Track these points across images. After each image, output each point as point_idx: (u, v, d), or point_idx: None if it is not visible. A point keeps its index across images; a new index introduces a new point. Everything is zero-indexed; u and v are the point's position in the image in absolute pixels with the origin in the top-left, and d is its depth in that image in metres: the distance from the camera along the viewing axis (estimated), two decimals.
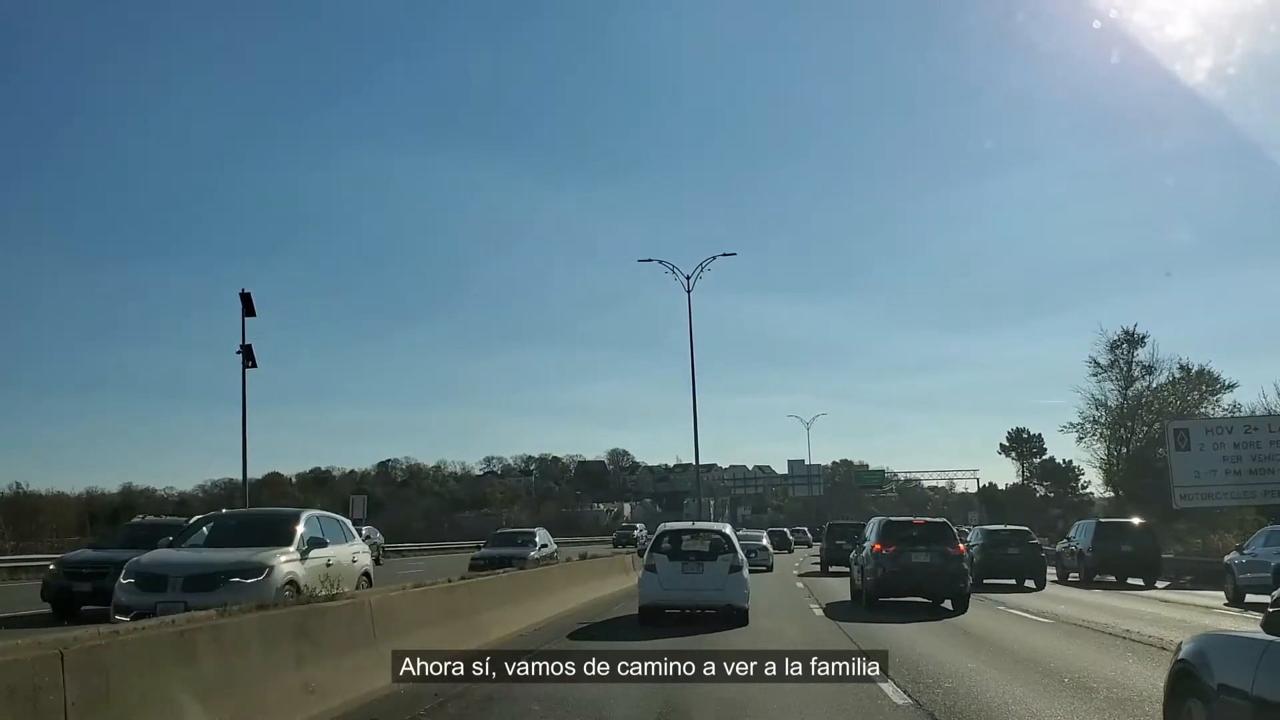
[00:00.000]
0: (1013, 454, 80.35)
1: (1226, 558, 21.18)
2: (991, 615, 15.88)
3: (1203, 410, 45.07)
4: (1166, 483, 36.06)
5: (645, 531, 60.96)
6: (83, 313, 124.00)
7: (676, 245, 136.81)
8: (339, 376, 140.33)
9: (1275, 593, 4.44)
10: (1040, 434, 79.12)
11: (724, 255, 38.91)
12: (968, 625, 14.13)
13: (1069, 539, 28.42)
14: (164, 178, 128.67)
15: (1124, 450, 49.78)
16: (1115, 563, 25.76)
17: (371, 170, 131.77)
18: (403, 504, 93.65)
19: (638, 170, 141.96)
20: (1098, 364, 49.54)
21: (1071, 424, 52.28)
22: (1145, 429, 48.58)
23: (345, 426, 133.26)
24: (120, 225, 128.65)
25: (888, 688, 7.95)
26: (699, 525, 17.22)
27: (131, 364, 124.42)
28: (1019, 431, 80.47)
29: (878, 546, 16.64)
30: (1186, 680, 4.78)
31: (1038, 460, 79.11)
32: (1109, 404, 50.01)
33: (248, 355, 26.69)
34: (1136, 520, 29.20)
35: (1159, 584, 24.93)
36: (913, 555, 16.40)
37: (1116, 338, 48.94)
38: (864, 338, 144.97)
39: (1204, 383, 47.57)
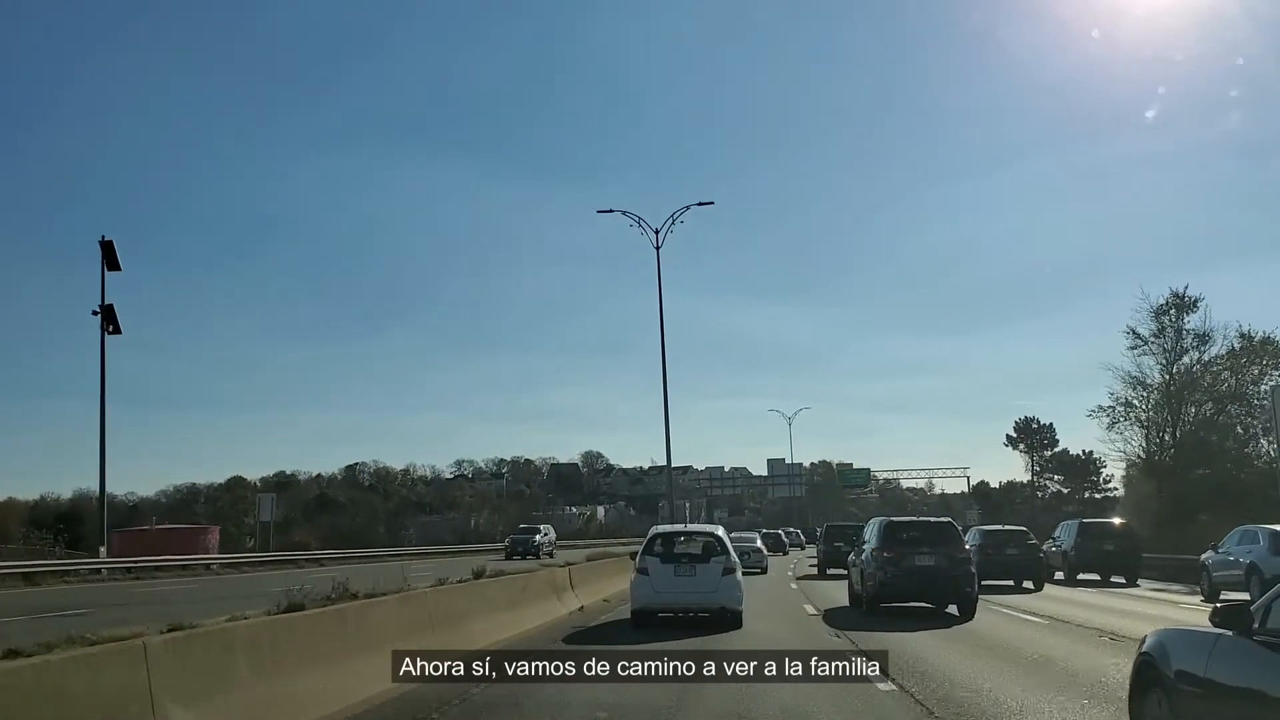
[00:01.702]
0: (1020, 446, 74.32)
1: (1202, 556, 22.24)
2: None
3: (1265, 388, 38.46)
4: (1221, 473, 33.45)
5: (551, 536, 52.45)
6: (43, 317, 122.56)
7: (645, 247, 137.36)
8: (310, 381, 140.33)
9: (1259, 602, 4.73)
10: (1051, 423, 73.93)
11: (699, 204, 34.48)
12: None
13: (1054, 538, 29.18)
14: (133, 181, 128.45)
15: (1165, 437, 43.40)
16: (1098, 561, 26.80)
17: (344, 174, 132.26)
18: (365, 508, 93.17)
19: (612, 174, 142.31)
20: (1137, 336, 42.98)
21: (1102, 408, 45.55)
22: (1195, 410, 42.50)
23: (316, 431, 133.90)
24: (87, 229, 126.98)
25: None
26: (691, 527, 17.47)
27: (92, 369, 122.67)
28: (1028, 421, 74.45)
29: (878, 549, 15.97)
30: (1148, 670, 5.33)
31: (1049, 453, 73.70)
32: (1149, 383, 43.59)
33: (108, 317, 22.89)
34: (1117, 520, 30.82)
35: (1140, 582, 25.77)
36: (916, 558, 15.66)
37: (1163, 302, 42.24)
38: (840, 341, 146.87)
39: (1268, 354, 40.87)
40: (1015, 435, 74.69)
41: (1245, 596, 19.46)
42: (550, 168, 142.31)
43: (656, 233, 33.96)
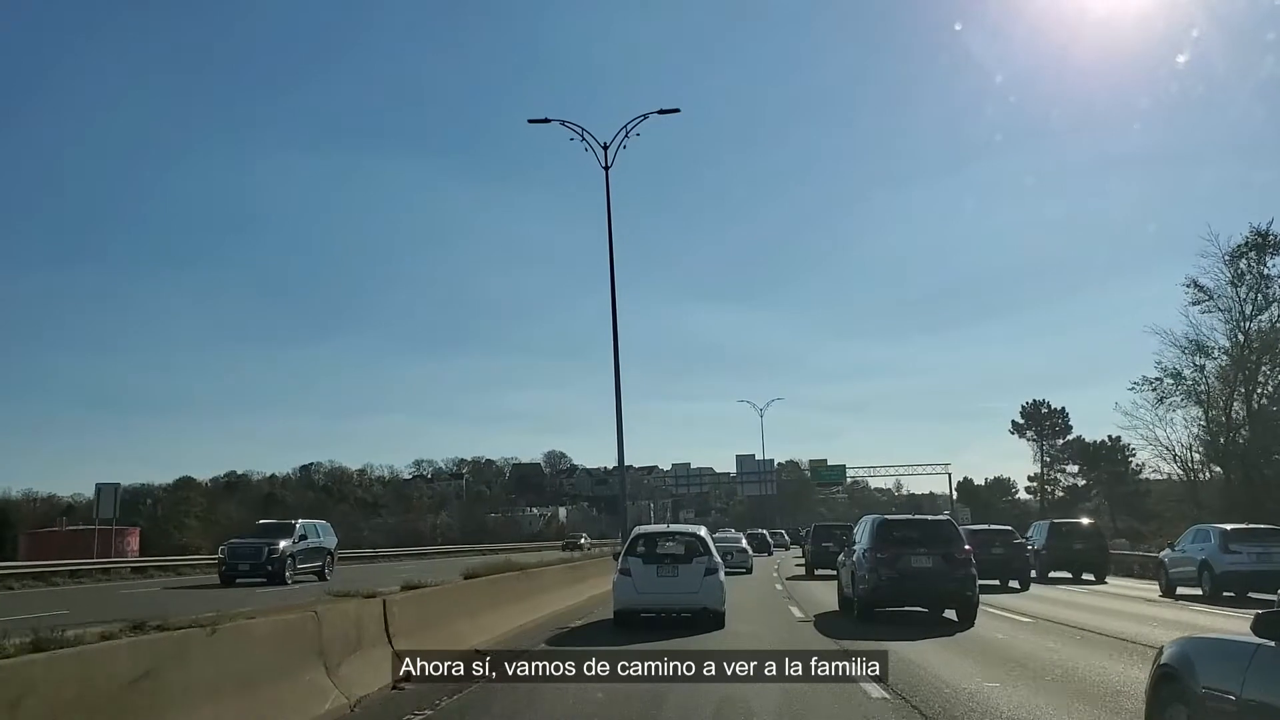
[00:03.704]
0: (1029, 433, 67.68)
1: (1160, 554, 23.99)
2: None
3: None
4: None
5: (323, 541, 31.26)
6: None
7: (615, 247, 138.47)
8: (273, 383, 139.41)
9: None
10: (1064, 407, 67.84)
11: (662, 112, 29.56)
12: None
13: (1027, 538, 30.15)
14: (92, 181, 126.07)
15: (1232, 413, 35.89)
16: (1068, 560, 28.30)
17: (302, 175, 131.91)
18: (317, 509, 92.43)
19: (576, 175, 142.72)
20: (1200, 288, 35.09)
21: (1147, 379, 37.90)
22: (1277, 380, 35.03)
23: (279, 434, 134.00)
24: (40, 229, 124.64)
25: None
26: (674, 528, 17.70)
27: (44, 370, 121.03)
28: (1036, 405, 67.86)
29: (871, 549, 15.19)
30: (1170, 684, 4.74)
31: (1061, 441, 67.39)
32: (1209, 346, 35.85)
33: None
34: (1086, 520, 32.58)
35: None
36: (912, 559, 14.94)
37: (1242, 242, 34.39)
38: (807, 343, 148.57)
39: None
40: (1022, 421, 68.09)
41: (1198, 591, 20.80)
42: (512, 168, 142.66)
43: (605, 149, 29.05)
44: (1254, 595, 19.77)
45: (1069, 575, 28.11)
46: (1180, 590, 21.61)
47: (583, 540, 71.42)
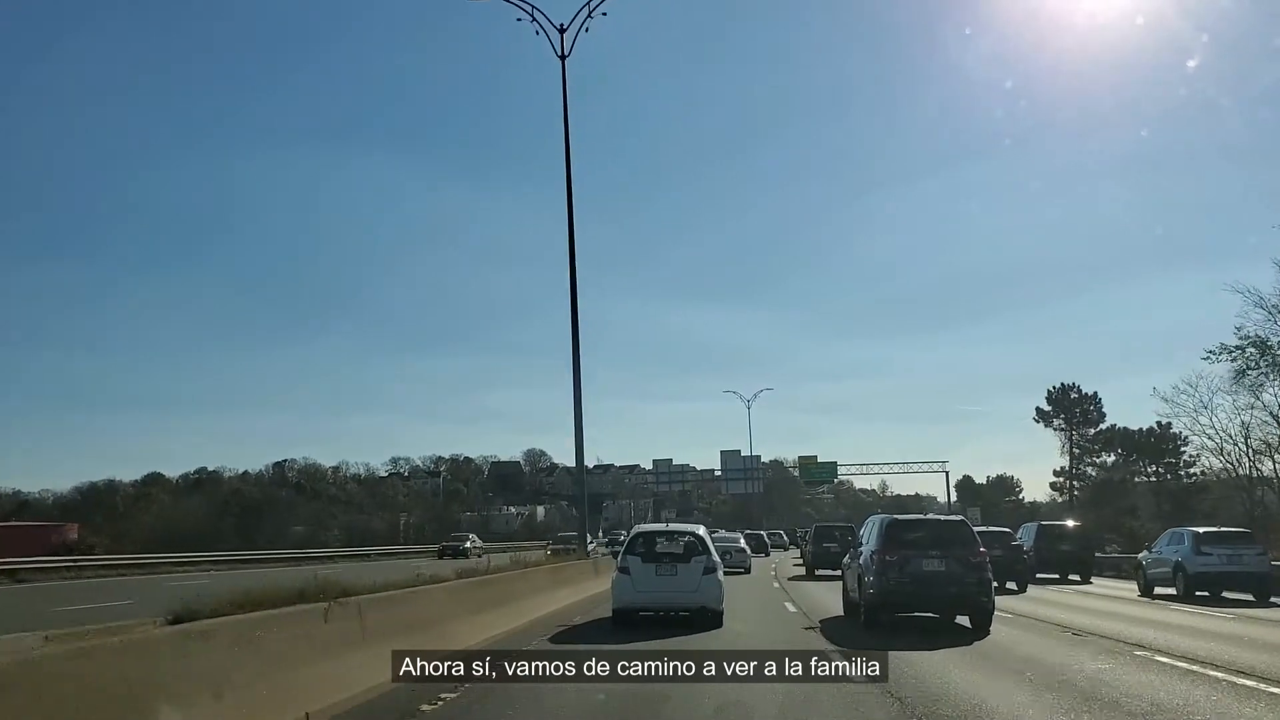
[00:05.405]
0: (1057, 420, 62.06)
1: (1139, 555, 25.34)
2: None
3: None
4: None
5: None
6: None
7: (597, 248, 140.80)
8: (248, 382, 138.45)
9: None
10: (1096, 392, 61.65)
11: None
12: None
13: (1016, 540, 31.03)
14: (66, 176, 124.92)
15: None
16: (1055, 561, 29.15)
17: (281, 172, 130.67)
18: (286, 507, 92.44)
19: (556, 174, 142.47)
20: None
21: (1226, 347, 32.83)
22: None
23: (267, 433, 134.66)
24: (17, 225, 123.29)
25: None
26: (673, 527, 18.18)
27: (16, 366, 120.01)
28: (1065, 390, 61.57)
29: (879, 551, 14.58)
30: None
31: (1094, 430, 61.56)
32: None
33: None
34: (1071, 523, 33.30)
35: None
36: (924, 562, 14.40)
37: None
38: (792, 343, 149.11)
39: None
40: (1049, 409, 61.94)
41: (1173, 591, 21.72)
42: (493, 167, 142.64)
43: (561, 33, 25.56)
44: (1228, 595, 21.06)
45: (1056, 576, 28.95)
46: (1157, 590, 22.73)
47: (468, 544, 53.47)
